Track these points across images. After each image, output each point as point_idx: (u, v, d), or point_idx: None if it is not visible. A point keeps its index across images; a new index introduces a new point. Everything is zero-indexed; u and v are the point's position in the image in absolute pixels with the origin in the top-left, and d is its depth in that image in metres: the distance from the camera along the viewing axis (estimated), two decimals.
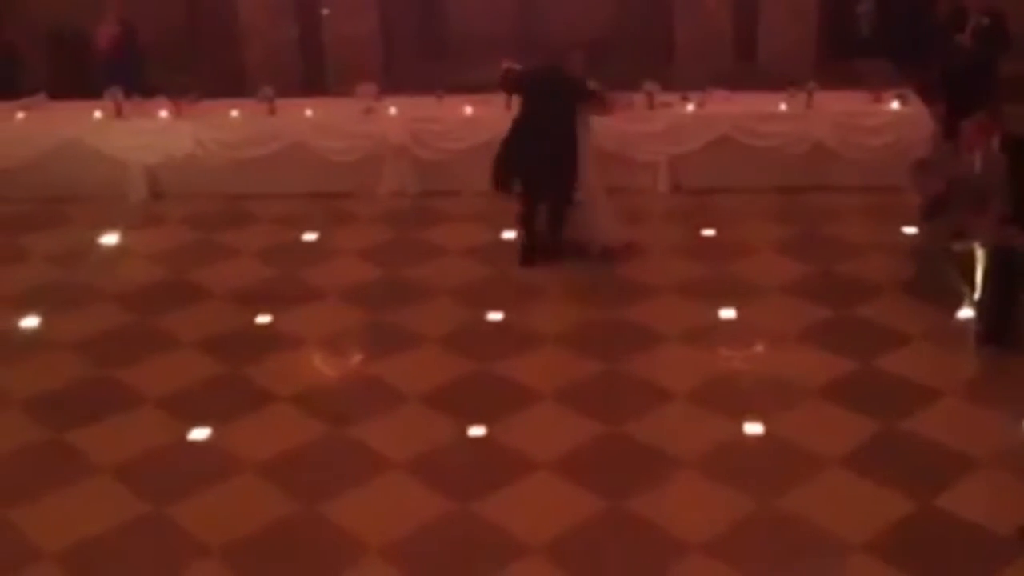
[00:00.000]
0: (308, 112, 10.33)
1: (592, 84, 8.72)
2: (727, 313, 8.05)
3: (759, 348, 7.73)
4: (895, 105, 10.02)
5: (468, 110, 10.08)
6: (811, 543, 5.79)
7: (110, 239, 9.64)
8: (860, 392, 7.05)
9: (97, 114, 10.43)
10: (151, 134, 10.33)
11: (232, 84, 11.55)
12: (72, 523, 6.09)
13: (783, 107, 10.09)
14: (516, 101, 9.10)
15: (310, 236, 9.54)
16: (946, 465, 6.32)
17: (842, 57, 11.96)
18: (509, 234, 9.37)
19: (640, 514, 6.01)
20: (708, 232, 9.37)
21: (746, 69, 12.01)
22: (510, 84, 9.15)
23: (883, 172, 9.66)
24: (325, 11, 12.55)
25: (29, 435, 6.91)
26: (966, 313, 7.78)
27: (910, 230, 8.93)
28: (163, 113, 10.38)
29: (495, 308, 8.19)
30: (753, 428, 6.72)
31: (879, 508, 5.98)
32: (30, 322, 8.27)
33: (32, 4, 12.43)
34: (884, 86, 10.18)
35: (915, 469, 6.29)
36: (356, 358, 7.79)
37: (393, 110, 10.14)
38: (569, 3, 12.52)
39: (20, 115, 10.55)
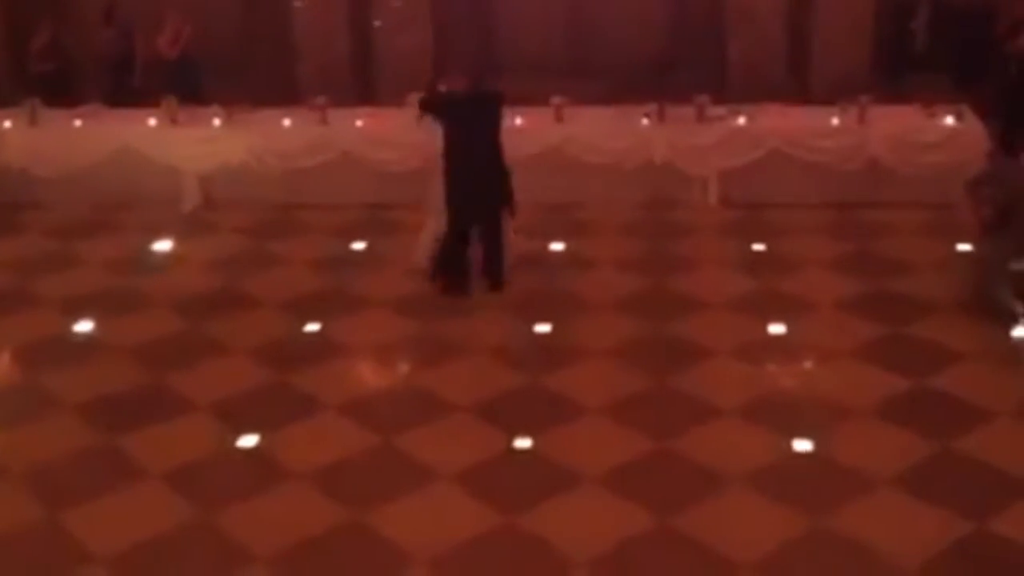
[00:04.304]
0: (359, 123, 10.40)
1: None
2: (778, 329, 7.98)
3: (810, 365, 7.66)
4: (950, 121, 9.91)
5: (518, 121, 10.08)
6: (863, 564, 5.70)
7: (163, 246, 9.76)
8: (913, 411, 6.95)
9: (152, 122, 10.58)
10: (205, 143, 10.45)
11: (285, 94, 11.67)
12: (122, 527, 6.14)
13: (836, 122, 10.01)
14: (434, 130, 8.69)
15: (360, 246, 9.59)
16: (1001, 488, 6.20)
17: (897, 72, 11.86)
18: (558, 245, 9.39)
19: (688, 531, 5.96)
20: (759, 247, 9.31)
21: (799, 83, 11.94)
22: (432, 106, 8.60)
23: (937, 188, 9.55)
24: (377, 23, 12.65)
25: (82, 439, 6.99)
26: (1022, 333, 7.66)
27: (965, 247, 8.81)
28: (217, 122, 10.50)
29: (544, 320, 8.17)
30: (804, 446, 6.65)
31: (933, 530, 5.89)
32: (84, 327, 8.37)
33: (89, 13, 12.62)
34: (939, 102, 10.08)
35: (970, 491, 6.19)
36: (405, 368, 7.81)
37: None
38: (620, 19, 12.53)
39: (77, 123, 10.71)
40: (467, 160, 8.35)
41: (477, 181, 8.37)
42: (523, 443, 6.77)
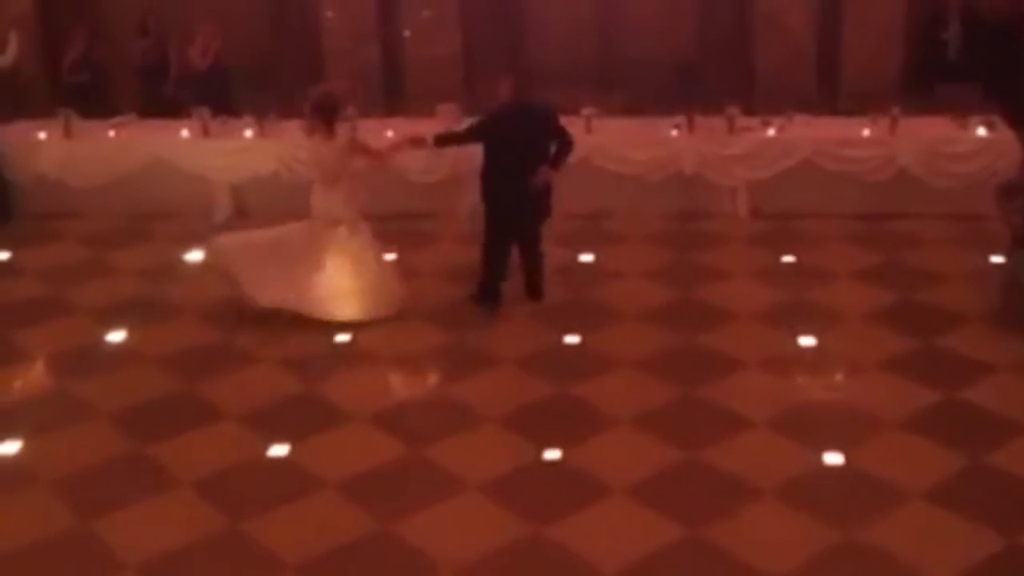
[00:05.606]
0: (389, 132, 10.43)
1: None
2: (807, 340, 7.95)
3: (840, 377, 7.63)
4: (982, 131, 9.85)
5: None
6: None
7: (195, 256, 9.82)
8: (944, 424, 6.90)
9: (184, 133, 10.67)
10: (236, 153, 10.53)
11: None
12: (153, 535, 6.18)
13: (866, 132, 9.97)
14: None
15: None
16: None
17: (928, 82, 11.80)
18: (587, 256, 9.39)
19: (717, 543, 5.94)
20: (788, 258, 9.28)
21: (829, 93, 11.91)
22: (479, 133, 8.34)
23: (969, 200, 9.50)
24: (406, 33, 12.72)
25: (113, 447, 7.05)
26: None
27: (997, 259, 8.75)
28: (248, 133, 10.58)
29: (573, 331, 8.17)
30: (833, 458, 6.61)
31: (964, 545, 5.84)
32: (117, 335, 8.44)
33: (122, 24, 12.75)
34: (970, 112, 10.02)
35: (1001, 505, 6.13)
36: (434, 378, 7.83)
37: None
38: (648, 29, 12.54)
39: (111, 134, 10.82)
40: (515, 175, 8.13)
41: (523, 198, 8.23)
42: (552, 454, 6.77)
